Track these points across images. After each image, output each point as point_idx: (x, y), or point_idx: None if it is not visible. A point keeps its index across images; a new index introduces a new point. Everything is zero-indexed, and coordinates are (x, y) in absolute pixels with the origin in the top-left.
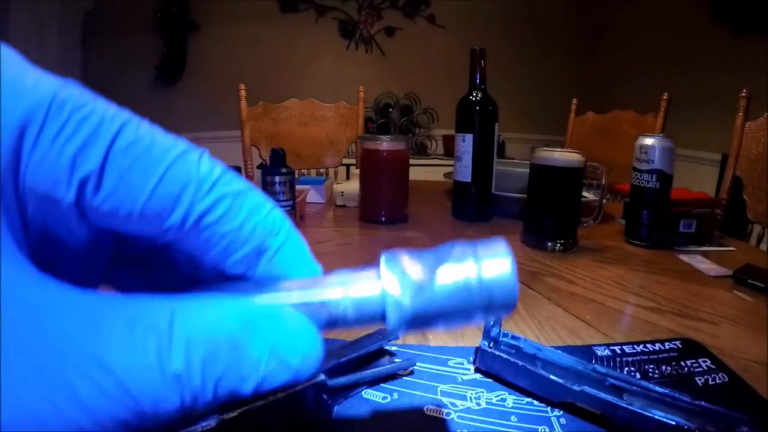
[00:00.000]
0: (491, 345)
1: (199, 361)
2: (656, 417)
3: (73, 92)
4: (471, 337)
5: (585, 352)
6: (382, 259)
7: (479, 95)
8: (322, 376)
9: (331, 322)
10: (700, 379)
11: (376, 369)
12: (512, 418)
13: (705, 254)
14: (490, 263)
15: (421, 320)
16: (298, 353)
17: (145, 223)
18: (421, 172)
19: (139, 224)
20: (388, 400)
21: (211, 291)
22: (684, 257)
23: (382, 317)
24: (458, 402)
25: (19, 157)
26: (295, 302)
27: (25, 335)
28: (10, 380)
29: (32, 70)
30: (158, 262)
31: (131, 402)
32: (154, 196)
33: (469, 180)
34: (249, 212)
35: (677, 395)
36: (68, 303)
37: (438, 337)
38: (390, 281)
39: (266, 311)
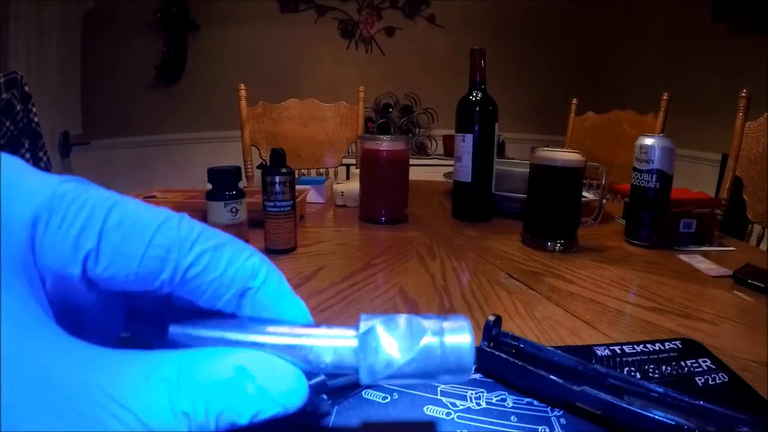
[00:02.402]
0: (491, 345)
1: (203, 402)
2: (656, 417)
3: (69, 186)
4: None
5: (585, 352)
6: (361, 325)
7: (479, 95)
8: (322, 377)
9: (311, 366)
10: (700, 379)
11: None
12: (512, 418)
13: (705, 254)
14: (452, 337)
15: (388, 378)
16: (284, 393)
17: (142, 282)
18: (421, 172)
19: (137, 284)
20: (388, 400)
21: (210, 341)
22: (684, 257)
23: (356, 371)
24: (458, 402)
25: (33, 245)
26: (281, 345)
27: (63, 388)
28: (55, 419)
29: (33, 171)
30: (165, 310)
31: None
32: (144, 260)
33: (469, 180)
34: (228, 261)
35: (677, 395)
36: (97, 360)
37: None
38: (366, 352)
39: (257, 360)
